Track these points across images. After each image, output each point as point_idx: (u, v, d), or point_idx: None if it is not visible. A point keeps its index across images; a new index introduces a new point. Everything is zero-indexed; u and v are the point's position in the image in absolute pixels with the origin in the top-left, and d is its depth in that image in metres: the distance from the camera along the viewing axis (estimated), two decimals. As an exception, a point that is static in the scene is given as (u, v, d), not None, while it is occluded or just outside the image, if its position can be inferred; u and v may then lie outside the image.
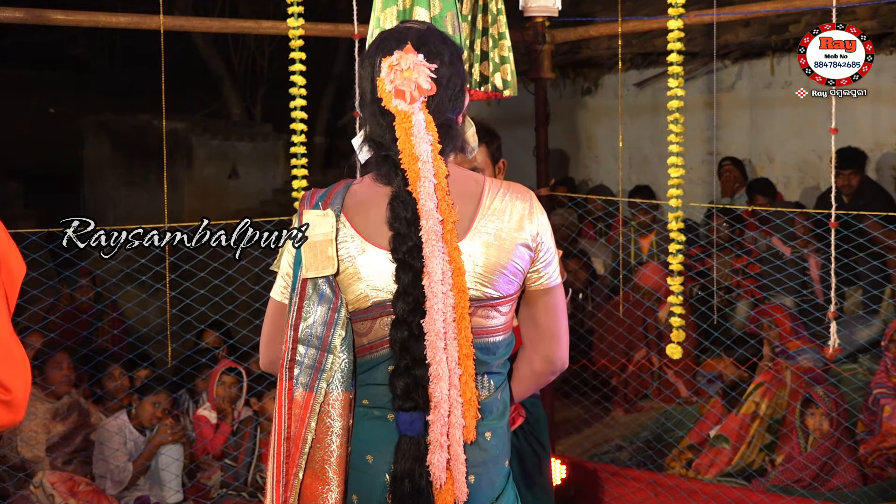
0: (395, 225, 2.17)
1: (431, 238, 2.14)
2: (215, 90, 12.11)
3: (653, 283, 6.62)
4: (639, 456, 5.94)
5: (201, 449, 5.52)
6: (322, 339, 2.20)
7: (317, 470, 2.19)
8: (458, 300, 2.16)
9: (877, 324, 6.31)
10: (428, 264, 2.13)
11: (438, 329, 2.13)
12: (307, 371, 2.20)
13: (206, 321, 6.15)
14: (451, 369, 2.15)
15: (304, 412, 2.19)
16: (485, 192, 2.26)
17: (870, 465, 5.24)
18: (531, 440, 3.66)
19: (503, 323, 2.27)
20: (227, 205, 10.14)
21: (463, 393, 2.16)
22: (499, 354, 2.27)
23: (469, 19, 4.15)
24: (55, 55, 13.01)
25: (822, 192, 7.54)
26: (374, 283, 2.19)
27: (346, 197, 2.26)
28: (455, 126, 2.31)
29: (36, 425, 5.37)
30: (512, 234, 2.23)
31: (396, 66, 2.21)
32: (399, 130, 2.20)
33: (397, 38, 2.27)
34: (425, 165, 2.17)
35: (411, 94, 2.20)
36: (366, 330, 2.22)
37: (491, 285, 2.22)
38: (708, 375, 6.43)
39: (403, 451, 2.15)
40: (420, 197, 2.16)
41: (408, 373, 2.15)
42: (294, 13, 4.39)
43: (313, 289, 2.21)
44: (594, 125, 9.58)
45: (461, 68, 2.32)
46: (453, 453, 2.16)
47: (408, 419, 2.16)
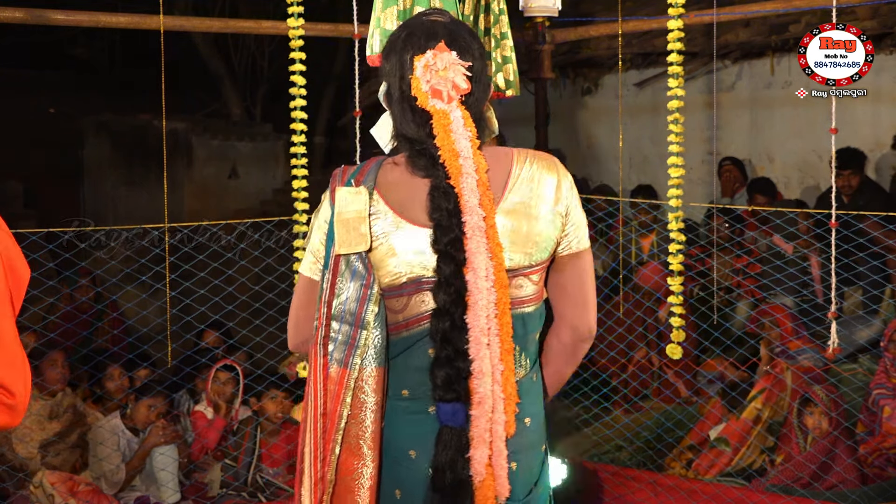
0: (435, 216, 2.17)
1: (476, 234, 2.14)
2: (215, 90, 12.11)
3: (653, 283, 6.62)
4: (639, 456, 5.93)
5: (199, 447, 5.52)
6: (355, 316, 2.20)
7: (352, 445, 2.20)
8: (499, 296, 2.17)
9: (877, 324, 6.31)
10: (473, 260, 2.14)
11: (483, 325, 2.14)
12: (341, 347, 2.20)
13: (206, 321, 6.15)
14: (494, 365, 2.15)
15: (340, 388, 2.20)
16: (514, 162, 2.27)
17: (870, 465, 5.24)
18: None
19: (534, 292, 2.28)
20: (227, 205, 10.15)
21: (504, 388, 2.17)
22: (531, 327, 2.28)
23: (471, 19, 4.15)
24: (55, 55, 13.00)
25: (822, 192, 7.54)
26: (409, 259, 2.19)
27: (379, 175, 2.25)
28: (484, 117, 2.35)
29: (31, 423, 5.37)
30: (541, 202, 2.25)
31: (432, 66, 2.21)
32: (438, 128, 2.20)
33: (426, 33, 2.26)
34: (467, 161, 2.18)
35: (448, 94, 2.21)
36: (401, 307, 2.22)
37: (523, 253, 2.23)
38: (708, 375, 6.43)
39: (445, 442, 2.15)
40: (463, 192, 2.16)
41: (449, 364, 2.14)
42: (294, 13, 4.39)
43: (346, 265, 2.21)
44: (594, 125, 9.58)
45: (486, 65, 2.35)
46: (496, 449, 2.17)
47: (450, 410, 2.15)
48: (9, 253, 2.11)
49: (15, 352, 2.07)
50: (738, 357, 5.98)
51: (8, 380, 2.03)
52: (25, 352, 2.12)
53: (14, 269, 2.12)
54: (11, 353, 2.06)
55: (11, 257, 2.12)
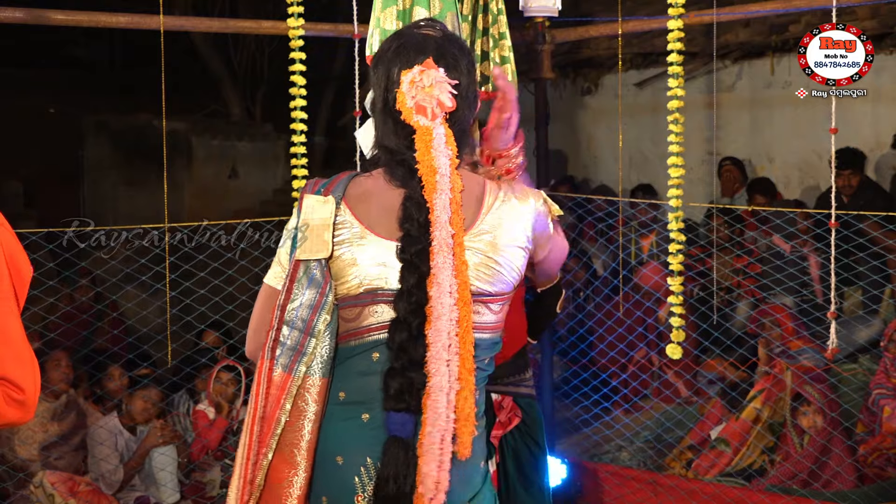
0: (406, 226, 2.18)
1: (444, 250, 2.14)
2: (215, 90, 12.09)
3: (653, 284, 6.62)
4: (639, 456, 5.93)
5: (199, 447, 5.52)
6: (307, 323, 2.21)
7: (286, 453, 2.20)
8: (462, 314, 2.16)
9: (876, 324, 6.31)
10: (438, 275, 2.14)
11: (444, 342, 2.13)
12: (288, 353, 2.21)
13: (206, 321, 6.14)
14: (451, 384, 2.14)
15: (280, 393, 2.20)
16: (487, 193, 2.28)
17: (869, 465, 5.24)
18: (528, 441, 3.66)
19: (492, 322, 2.28)
20: (227, 205, 10.14)
21: (461, 409, 2.15)
22: (484, 351, 2.27)
23: (469, 19, 4.15)
24: (55, 55, 12.99)
25: (822, 191, 7.54)
26: (369, 271, 2.19)
27: (350, 186, 2.27)
28: (468, 132, 2.34)
29: (33, 424, 5.36)
30: (508, 237, 2.26)
31: (418, 83, 2.22)
32: (419, 143, 2.21)
33: (416, 48, 2.27)
34: (443, 178, 2.18)
35: (433, 111, 2.22)
36: (354, 316, 2.22)
37: (483, 281, 2.22)
38: (708, 376, 6.43)
39: (392, 454, 2.14)
40: (435, 207, 2.16)
41: (403, 374, 2.14)
42: (294, 13, 4.39)
43: (304, 272, 2.22)
44: (594, 125, 9.58)
45: (475, 74, 2.34)
46: (442, 465, 2.15)
47: (399, 420, 2.15)
48: (12, 250, 2.12)
49: (22, 348, 2.09)
50: (738, 357, 5.98)
51: (17, 376, 2.06)
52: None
53: (17, 267, 2.13)
54: (19, 350, 2.08)
55: (14, 255, 2.13)
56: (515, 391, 3.68)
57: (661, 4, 4.65)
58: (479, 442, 2.28)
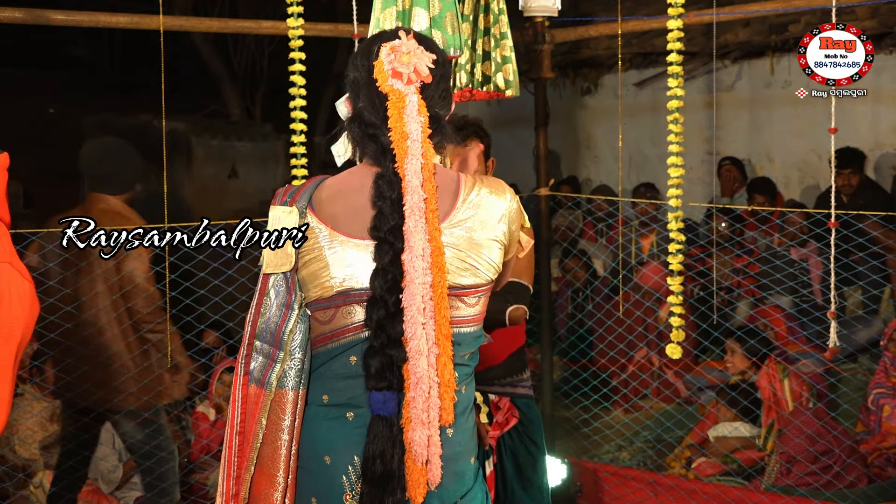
0: (378, 203, 2.19)
1: (415, 213, 2.15)
2: (215, 90, 12.10)
3: (653, 283, 6.62)
4: (639, 456, 5.93)
5: (200, 447, 5.52)
6: (275, 335, 2.24)
7: (265, 468, 2.23)
8: (437, 279, 2.16)
9: (876, 324, 6.31)
10: (409, 239, 2.14)
11: (419, 305, 2.13)
12: (260, 367, 2.25)
13: (206, 321, 6.14)
14: (430, 347, 2.15)
15: (255, 408, 2.23)
16: (461, 187, 2.29)
17: (870, 465, 5.24)
18: (526, 441, 3.66)
19: (472, 315, 2.29)
20: (227, 205, 10.14)
21: (441, 374, 2.16)
22: (464, 346, 2.27)
23: (470, 19, 4.15)
24: (55, 55, 12.99)
25: (822, 191, 7.54)
26: (341, 272, 2.20)
27: (316, 192, 2.28)
28: (442, 123, 2.34)
29: (33, 424, 5.36)
30: (484, 229, 2.26)
31: (397, 49, 2.24)
32: (392, 109, 2.22)
33: (391, 37, 2.29)
34: (414, 144, 2.19)
35: (409, 77, 2.23)
36: (328, 318, 2.23)
37: (459, 275, 2.23)
38: (697, 383, 6.43)
39: (376, 432, 2.15)
40: (406, 174, 2.17)
41: (383, 352, 2.15)
42: (294, 13, 4.38)
43: (271, 285, 2.26)
44: (594, 125, 9.58)
45: (449, 76, 2.36)
46: (431, 433, 2.16)
47: (381, 399, 2.15)
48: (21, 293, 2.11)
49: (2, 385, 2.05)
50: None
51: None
52: (26, 349, 2.11)
53: (11, 308, 2.10)
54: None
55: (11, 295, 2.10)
56: (513, 392, 3.68)
57: (661, 4, 4.65)
58: (465, 438, 2.29)
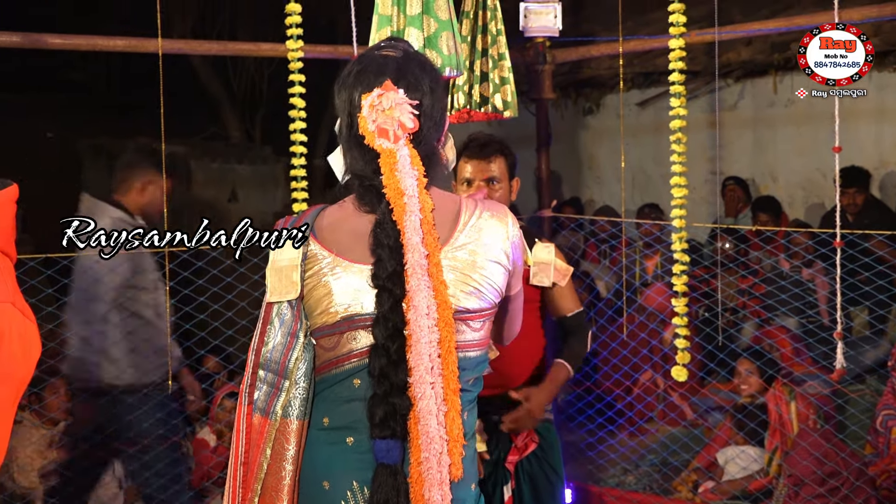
0: (377, 251, 2.17)
1: (417, 272, 2.13)
2: (214, 113, 12.09)
3: (657, 305, 6.57)
4: (645, 479, 5.87)
5: (201, 474, 5.46)
6: (280, 364, 2.24)
7: (269, 498, 2.22)
8: (444, 335, 2.14)
9: (884, 344, 6.25)
10: (414, 298, 2.12)
11: (426, 364, 2.12)
12: (264, 396, 2.24)
13: (206, 346, 6.09)
14: (439, 405, 2.13)
15: (260, 438, 2.23)
16: (462, 210, 2.28)
17: (879, 488, 5.19)
18: (545, 466, 3.63)
19: (476, 339, 2.27)
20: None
21: (449, 430, 2.14)
22: (468, 371, 2.26)
23: (469, 40, 4.12)
24: (52, 79, 12.99)
25: (827, 210, 7.50)
26: (345, 298, 2.19)
27: (317, 219, 2.28)
28: (437, 152, 2.32)
29: (31, 452, 5.33)
30: (486, 252, 2.25)
31: (378, 106, 2.20)
32: (384, 167, 2.19)
33: (375, 70, 2.25)
34: (411, 200, 2.16)
35: (395, 133, 2.19)
36: (332, 345, 2.22)
37: (464, 298, 2.21)
38: (704, 405, 6.38)
39: (381, 481, 2.13)
40: (406, 230, 2.15)
41: (386, 400, 2.13)
42: (293, 35, 4.36)
43: (275, 313, 2.26)
44: (596, 145, 9.56)
45: (441, 92, 2.32)
46: (444, 491, 2.14)
47: (384, 447, 2.14)
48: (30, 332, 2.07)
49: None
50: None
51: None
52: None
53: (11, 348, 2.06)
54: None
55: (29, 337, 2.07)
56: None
57: (663, 23, 4.63)
58: (470, 464, 2.27)
